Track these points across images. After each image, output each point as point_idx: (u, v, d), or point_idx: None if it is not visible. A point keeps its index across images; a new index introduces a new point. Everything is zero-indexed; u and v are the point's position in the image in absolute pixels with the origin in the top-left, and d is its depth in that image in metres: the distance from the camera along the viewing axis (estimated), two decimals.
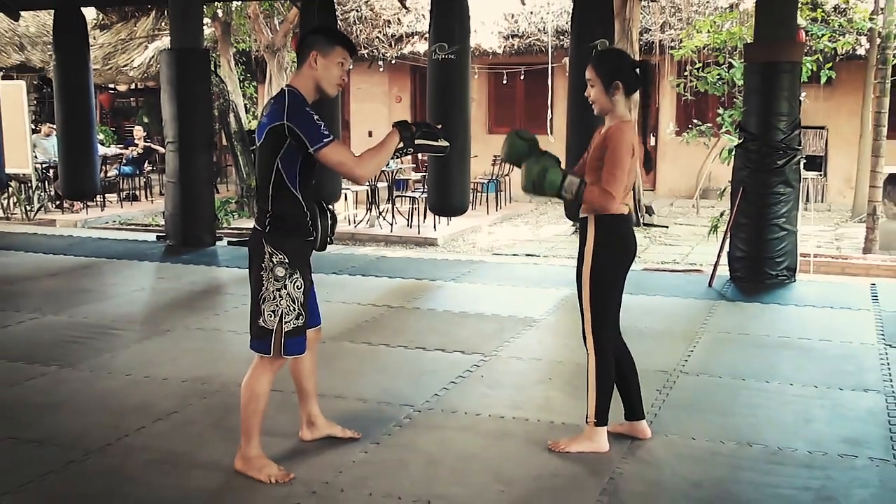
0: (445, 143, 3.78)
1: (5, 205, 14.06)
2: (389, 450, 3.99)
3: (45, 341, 5.73)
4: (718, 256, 7.60)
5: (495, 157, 15.71)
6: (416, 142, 3.68)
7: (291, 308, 3.58)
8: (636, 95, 3.92)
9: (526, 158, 3.76)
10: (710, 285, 7.37)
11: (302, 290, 3.60)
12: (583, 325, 3.93)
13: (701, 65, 14.30)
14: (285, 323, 3.58)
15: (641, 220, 13.92)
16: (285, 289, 3.57)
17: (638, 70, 3.83)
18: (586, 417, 3.93)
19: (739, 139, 7.57)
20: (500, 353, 5.48)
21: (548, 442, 4.00)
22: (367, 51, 18.16)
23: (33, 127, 15.22)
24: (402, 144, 3.65)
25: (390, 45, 18.19)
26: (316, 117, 3.44)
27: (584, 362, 3.91)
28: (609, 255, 3.83)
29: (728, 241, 7.59)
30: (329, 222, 3.69)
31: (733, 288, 7.30)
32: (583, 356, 5.39)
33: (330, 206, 3.75)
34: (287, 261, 3.55)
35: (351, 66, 3.81)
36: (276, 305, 3.57)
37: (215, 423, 4.32)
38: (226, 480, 3.68)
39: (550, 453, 3.91)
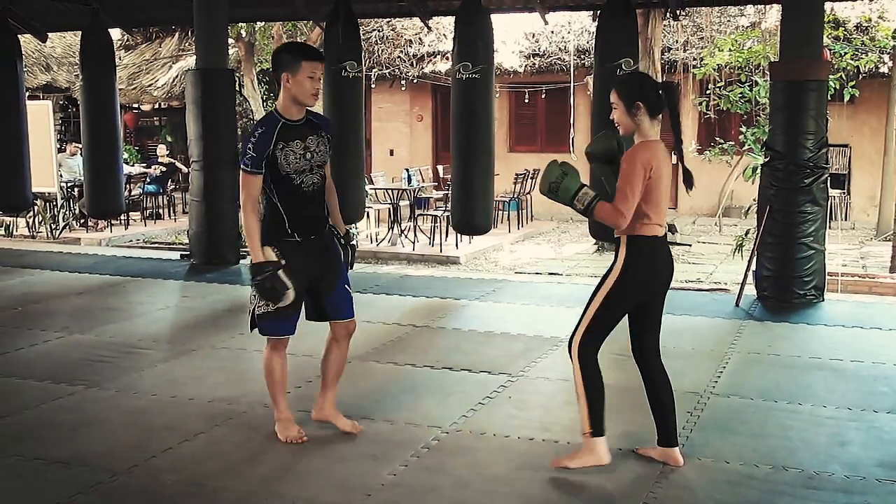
0: (280, 304, 4.10)
1: (31, 223, 14.16)
2: (418, 472, 3.95)
3: (72, 360, 5.74)
4: (745, 275, 7.53)
5: (517, 175, 15.71)
6: (253, 279, 4.10)
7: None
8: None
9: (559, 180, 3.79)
10: (737, 305, 7.30)
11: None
12: (572, 333, 3.92)
13: (723, 83, 14.26)
14: (257, 306, 4.14)
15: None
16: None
17: (661, 91, 3.84)
18: (582, 431, 3.89)
19: (766, 157, 7.52)
20: (528, 373, 5.44)
21: (549, 461, 3.97)
22: (388, 70, 18.23)
23: (59, 146, 15.36)
24: (251, 262, 4.11)
25: (412, 65, 18.26)
26: (251, 144, 4.00)
27: (614, 384, 3.88)
28: (635, 277, 3.81)
29: (755, 259, 7.52)
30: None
31: (761, 307, 7.22)
32: (612, 378, 5.36)
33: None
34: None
35: (322, 72, 4.10)
36: (254, 291, 4.15)
37: (242, 444, 4.30)
38: None
39: (582, 476, 3.86)
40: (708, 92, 14.80)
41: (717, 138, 14.63)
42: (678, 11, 9.90)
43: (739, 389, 5.10)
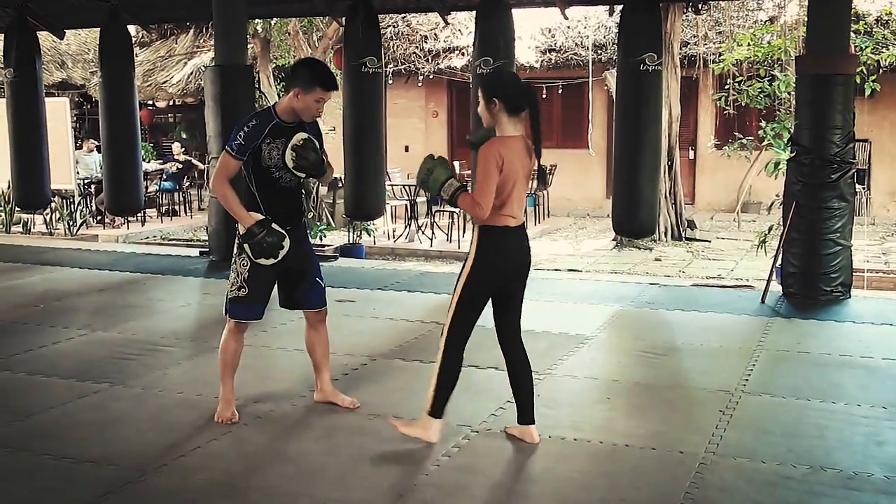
0: (269, 262, 4.32)
1: (49, 220, 14.18)
2: (450, 472, 3.90)
3: (96, 358, 5.71)
4: (771, 272, 7.45)
5: (533, 171, 15.62)
6: (243, 242, 4.32)
7: (235, 280, 4.39)
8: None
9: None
10: (762, 301, 7.22)
11: (247, 268, 4.34)
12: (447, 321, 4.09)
13: (742, 78, 14.14)
14: (230, 291, 4.41)
15: (684, 234, 13.76)
16: (234, 264, 4.40)
17: (520, 91, 3.98)
18: (424, 407, 4.10)
19: (792, 152, 7.43)
20: (555, 371, 5.38)
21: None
22: (403, 66, 18.17)
23: (75, 143, 15.36)
24: (241, 232, 4.33)
25: (427, 61, 18.19)
26: (243, 132, 4.24)
27: (641, 382, 3.87)
28: (484, 265, 4.01)
29: (780, 256, 7.44)
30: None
31: (787, 304, 7.14)
32: (641, 376, 5.33)
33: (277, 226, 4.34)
34: (238, 242, 4.35)
35: (330, 98, 4.38)
36: (230, 275, 4.43)
37: (270, 444, 4.27)
38: (285, 503, 3.62)
39: (613, 479, 3.81)
40: (726, 87, 14.67)
41: (736, 133, 14.51)
42: (699, 6, 9.80)
43: (770, 388, 5.03)
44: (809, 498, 3.62)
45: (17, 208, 13.25)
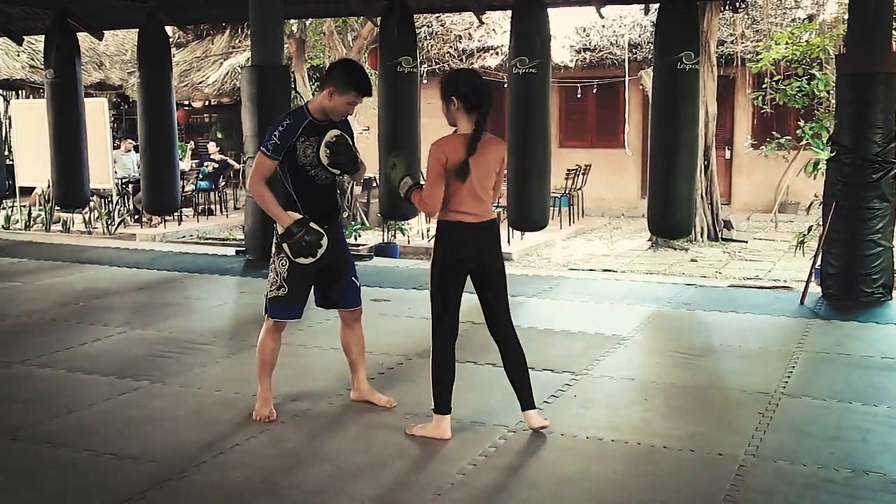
0: (308, 261, 4.37)
1: (87, 219, 14.36)
2: (487, 472, 3.90)
3: (135, 356, 5.78)
4: (811, 273, 7.36)
5: (568, 171, 15.58)
6: (282, 242, 4.37)
7: (274, 280, 4.44)
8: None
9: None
10: (801, 303, 7.13)
11: (286, 267, 4.38)
12: None
13: (780, 77, 13.98)
14: (270, 290, 4.45)
15: (720, 235, 13.63)
16: (273, 264, 4.45)
17: (477, 89, 4.06)
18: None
19: (832, 152, 7.34)
20: (591, 371, 5.36)
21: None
22: (437, 66, 18.18)
23: (113, 143, 15.54)
24: (279, 232, 4.38)
25: (461, 60, 18.18)
26: (278, 132, 4.29)
27: (678, 383, 3.90)
28: (441, 258, 4.16)
29: (820, 257, 7.35)
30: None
31: (826, 306, 7.05)
32: (678, 377, 5.30)
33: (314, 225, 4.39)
34: (277, 242, 4.39)
35: (361, 102, 4.48)
36: (269, 275, 4.48)
37: (307, 442, 4.29)
38: (324, 502, 3.63)
39: (653, 480, 3.78)
40: (764, 86, 14.52)
41: (774, 133, 14.35)
42: (737, 3, 9.70)
43: (811, 390, 4.97)
44: (852, 502, 3.57)
45: (56, 207, 13.44)
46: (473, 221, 4.12)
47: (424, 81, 17.86)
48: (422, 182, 4.17)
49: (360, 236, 12.98)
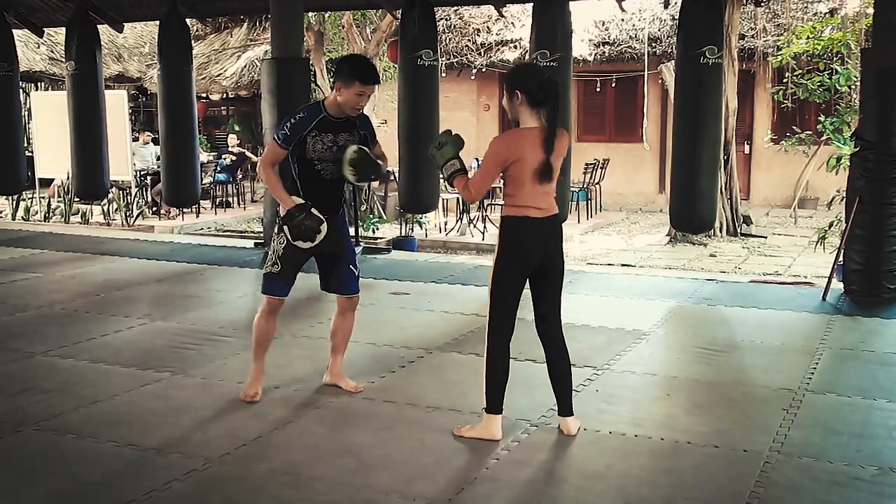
0: (305, 245, 4.50)
1: (106, 211, 14.42)
2: (511, 467, 3.89)
3: (157, 347, 5.79)
4: (833, 269, 7.31)
5: (586, 165, 15.53)
6: (284, 224, 4.50)
7: (271, 257, 4.60)
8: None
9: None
10: (823, 299, 7.09)
11: (283, 247, 4.53)
12: None
13: (801, 71, 13.89)
14: (265, 267, 4.63)
15: (739, 230, 13.56)
16: (273, 242, 4.61)
17: (542, 84, 3.95)
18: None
19: (856, 147, 7.27)
20: (613, 366, 5.34)
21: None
22: (456, 59, 18.15)
23: (132, 135, 15.60)
24: (282, 214, 4.51)
25: (479, 54, 18.15)
26: (289, 123, 4.42)
27: (702, 379, 3.86)
28: (505, 255, 4.06)
29: (842, 252, 7.29)
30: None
31: (849, 302, 7.00)
32: (700, 372, 5.26)
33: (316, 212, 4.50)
34: (279, 223, 4.54)
35: (371, 92, 4.52)
36: (267, 253, 4.68)
37: (330, 434, 4.29)
38: (347, 495, 3.63)
39: (677, 476, 3.76)
40: (784, 80, 14.42)
41: (794, 128, 14.26)
42: None
43: (835, 387, 4.93)
44: (880, 500, 3.54)
45: (76, 199, 13.51)
46: (539, 216, 4.03)
47: (443, 75, 17.86)
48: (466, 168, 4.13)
49: (377, 229, 12.99)
